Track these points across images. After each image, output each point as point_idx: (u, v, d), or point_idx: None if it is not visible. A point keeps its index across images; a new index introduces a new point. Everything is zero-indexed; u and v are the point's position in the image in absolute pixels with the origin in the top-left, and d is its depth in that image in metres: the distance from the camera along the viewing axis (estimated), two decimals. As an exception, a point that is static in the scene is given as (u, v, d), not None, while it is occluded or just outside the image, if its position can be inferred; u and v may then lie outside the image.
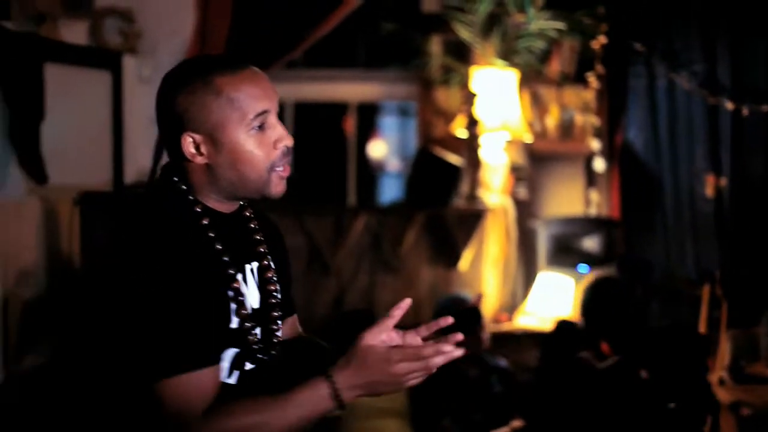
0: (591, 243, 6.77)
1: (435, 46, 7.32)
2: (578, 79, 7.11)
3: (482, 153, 6.73)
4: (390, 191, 9.62)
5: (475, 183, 6.73)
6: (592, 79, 6.99)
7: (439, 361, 2.18)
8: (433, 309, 5.72)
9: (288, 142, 2.25)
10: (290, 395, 2.15)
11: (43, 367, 5.61)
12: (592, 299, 5.16)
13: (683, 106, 6.91)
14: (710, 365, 5.19)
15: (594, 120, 7.04)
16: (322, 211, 6.66)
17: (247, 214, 2.38)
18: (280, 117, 2.29)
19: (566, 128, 7.14)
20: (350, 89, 8.00)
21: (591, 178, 7.11)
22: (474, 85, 6.75)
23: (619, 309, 5.42)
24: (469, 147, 6.74)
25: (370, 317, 5.24)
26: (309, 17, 7.08)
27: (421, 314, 6.04)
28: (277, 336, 2.37)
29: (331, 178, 7.70)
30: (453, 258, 6.61)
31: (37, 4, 5.96)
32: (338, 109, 8.23)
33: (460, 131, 6.79)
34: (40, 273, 5.83)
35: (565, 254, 6.71)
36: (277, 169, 2.25)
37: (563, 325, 5.22)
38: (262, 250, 2.37)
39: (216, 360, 2.19)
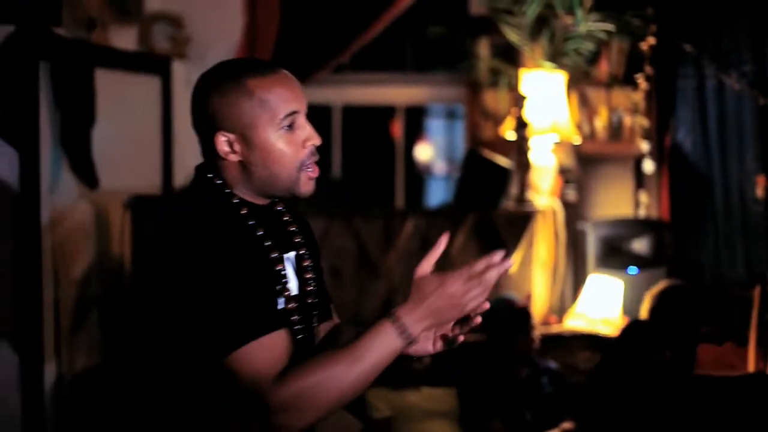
0: (640, 245, 6.73)
1: (483, 48, 7.32)
2: (627, 80, 7.08)
3: (531, 155, 6.72)
4: (437, 194, 9.63)
5: (523, 185, 6.71)
6: (641, 81, 6.96)
7: (493, 275, 2.24)
8: (486, 312, 5.71)
9: (316, 141, 2.38)
10: (358, 343, 2.18)
11: (95, 369, 5.67)
12: (665, 307, 5.14)
13: (733, 107, 6.85)
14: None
15: (643, 121, 7.01)
16: (371, 213, 6.67)
17: (280, 208, 2.49)
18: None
19: (615, 130, 7.11)
20: (398, 92, 8.02)
21: (640, 179, 7.08)
22: (522, 88, 6.74)
23: (692, 318, 5.40)
24: (518, 149, 6.73)
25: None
26: (357, 21, 7.11)
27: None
28: (314, 323, 2.48)
29: (379, 181, 7.71)
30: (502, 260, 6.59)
31: (88, 11, 6.03)
32: (386, 112, 8.25)
33: (509, 133, 6.78)
34: (91, 276, 5.89)
35: (614, 256, 6.68)
36: (307, 168, 2.36)
37: (633, 330, 5.11)
38: (298, 240, 2.48)
39: (280, 325, 2.24)
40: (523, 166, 6.70)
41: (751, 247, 6.82)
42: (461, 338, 2.42)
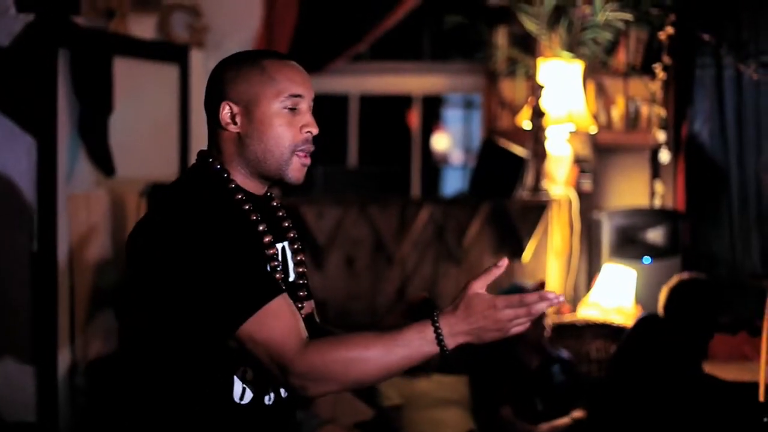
0: (655, 235, 6.74)
1: (500, 37, 7.32)
2: (644, 70, 7.06)
3: (547, 144, 6.73)
4: (453, 183, 9.64)
5: (539, 174, 6.72)
6: (659, 70, 6.95)
7: (542, 306, 2.23)
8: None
9: (314, 129, 2.46)
10: (395, 334, 2.24)
11: (110, 357, 5.72)
12: (682, 300, 5.14)
13: (751, 97, 6.84)
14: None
15: (660, 111, 7.00)
16: (386, 202, 6.70)
17: (275, 203, 2.56)
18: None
19: (632, 120, 7.10)
20: (415, 81, 8.03)
21: (656, 169, 7.07)
22: (539, 77, 6.74)
23: (709, 312, 5.39)
24: (534, 138, 6.73)
25: (431, 306, 5.27)
26: (374, 10, 7.13)
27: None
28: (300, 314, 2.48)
29: (396, 169, 7.72)
30: (516, 249, 6.62)
31: (107, 0, 6.06)
32: (403, 101, 8.26)
33: (525, 123, 6.79)
34: (107, 264, 5.94)
35: (629, 246, 6.68)
36: (299, 153, 2.44)
37: (647, 325, 5.09)
38: (292, 235, 2.55)
39: (280, 291, 2.29)
40: (539, 155, 6.71)
41: (766, 238, 6.81)
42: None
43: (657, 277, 6.13)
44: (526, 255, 6.61)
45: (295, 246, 2.55)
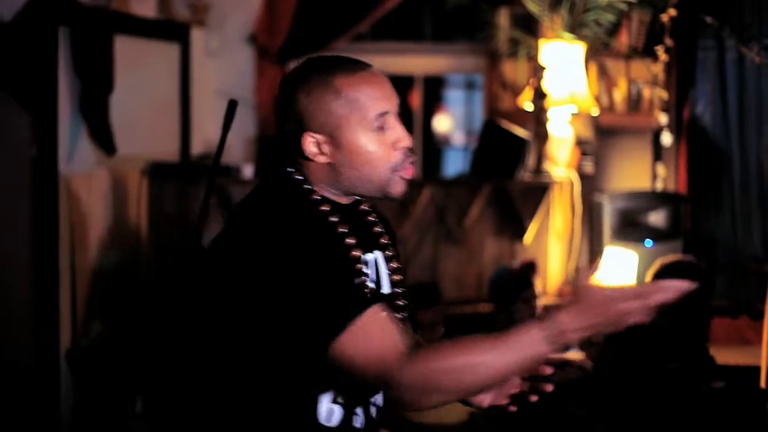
0: (657, 218, 6.73)
1: (502, 18, 7.30)
2: (647, 52, 7.05)
3: (549, 126, 6.71)
4: (455, 165, 9.62)
5: (541, 156, 6.71)
6: (661, 52, 6.93)
7: (659, 297, 2.09)
8: (490, 282, 5.72)
9: (407, 142, 2.25)
10: (506, 338, 2.09)
11: (111, 335, 5.72)
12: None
13: (753, 80, 6.83)
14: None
15: (662, 93, 6.98)
16: (387, 183, 6.66)
17: (364, 207, 2.39)
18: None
19: (634, 102, 7.09)
20: (416, 62, 8.01)
21: (658, 152, 7.06)
22: (541, 58, 6.72)
23: (697, 295, 5.37)
24: (536, 120, 6.72)
25: (435, 291, 5.25)
26: (376, -10, 7.10)
27: (484, 287, 6.05)
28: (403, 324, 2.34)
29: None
30: (518, 231, 6.61)
31: (108, -22, 6.05)
32: (404, 82, 8.24)
33: (527, 104, 6.77)
34: (108, 243, 5.93)
35: (631, 229, 6.68)
36: (399, 171, 2.25)
37: None
38: (384, 241, 2.38)
39: (372, 303, 2.15)
40: (541, 137, 6.69)
41: (767, 220, 6.80)
42: (533, 398, 2.36)
43: (658, 261, 6.12)
44: (528, 237, 6.59)
45: (389, 253, 2.38)
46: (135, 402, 5.36)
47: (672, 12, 6.88)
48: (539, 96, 6.64)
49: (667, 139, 6.97)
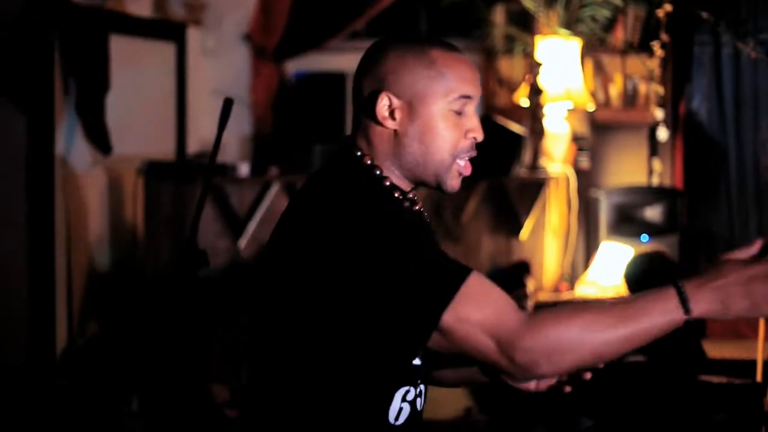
0: (653, 213, 6.73)
1: (498, 15, 7.31)
2: (642, 47, 7.05)
3: (545, 122, 6.72)
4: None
5: (537, 152, 6.72)
6: (657, 48, 6.93)
7: None
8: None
9: (479, 135, 2.17)
10: (634, 304, 1.95)
11: (107, 335, 5.72)
12: (638, 273, 5.11)
13: (749, 75, 6.84)
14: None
15: (658, 89, 6.98)
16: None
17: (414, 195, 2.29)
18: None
19: (630, 97, 7.10)
20: (412, 59, 7.99)
21: (654, 147, 7.06)
22: (537, 55, 6.73)
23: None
24: (532, 116, 6.72)
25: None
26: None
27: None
28: None
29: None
30: (514, 227, 6.62)
31: (103, -23, 6.05)
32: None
33: (523, 100, 6.78)
34: (104, 242, 5.94)
35: (627, 224, 6.68)
36: (460, 160, 2.18)
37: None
38: (432, 230, 2.34)
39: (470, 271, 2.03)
40: (537, 133, 6.70)
41: (764, 215, 6.81)
42: (587, 375, 2.30)
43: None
44: (524, 233, 6.60)
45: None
46: (131, 400, 5.36)
47: (667, 7, 6.88)
48: (535, 92, 6.65)
49: (663, 134, 6.98)
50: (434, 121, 2.13)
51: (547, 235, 6.72)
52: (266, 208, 5.88)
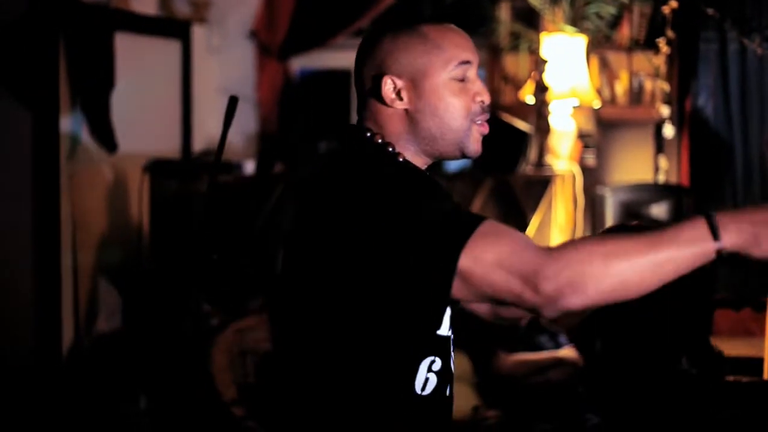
0: (659, 210, 6.72)
1: (503, 12, 7.29)
2: (648, 44, 7.03)
3: (550, 119, 6.70)
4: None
5: (543, 149, 6.70)
6: (663, 45, 6.91)
7: None
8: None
9: (486, 97, 2.22)
10: (662, 232, 1.91)
11: (114, 334, 5.72)
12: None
13: (755, 72, 6.81)
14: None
15: (664, 86, 6.97)
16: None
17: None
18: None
19: (635, 94, 7.08)
20: (417, 57, 7.99)
21: (660, 144, 7.05)
22: (543, 52, 6.72)
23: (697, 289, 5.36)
24: (538, 113, 6.70)
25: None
26: (377, -16, 7.10)
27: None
28: None
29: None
30: (520, 224, 6.60)
31: (108, -25, 6.05)
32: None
33: (529, 98, 6.76)
34: (110, 240, 5.93)
35: (633, 221, 6.67)
36: (477, 121, 2.22)
37: None
38: None
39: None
40: (543, 130, 6.68)
41: (770, 213, 6.79)
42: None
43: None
44: (530, 230, 6.59)
45: None
46: (138, 399, 5.36)
47: (673, 4, 6.86)
48: (541, 89, 6.63)
49: (669, 131, 6.96)
50: (441, 93, 2.19)
51: (553, 233, 6.70)
52: (272, 205, 5.88)
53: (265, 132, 7.15)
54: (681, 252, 1.89)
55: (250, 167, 6.19)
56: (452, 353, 2.25)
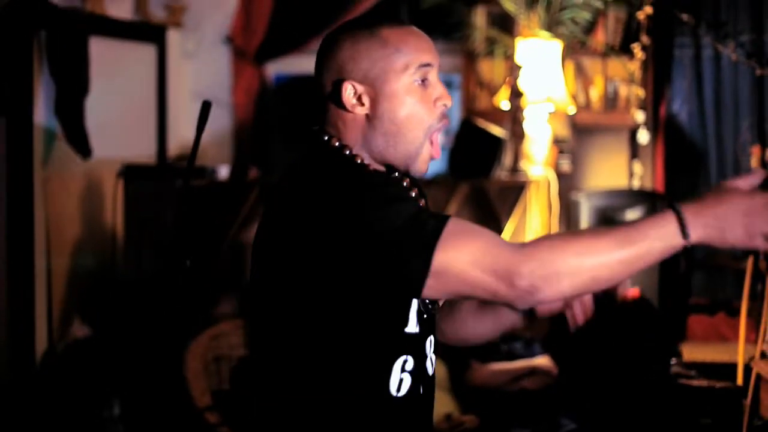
0: (634, 215, 6.71)
1: (479, 17, 7.30)
2: (623, 50, 7.05)
3: (525, 125, 6.71)
4: (432, 164, 9.61)
5: (517, 155, 6.71)
6: (638, 50, 6.94)
7: None
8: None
9: (448, 101, 2.21)
10: (631, 227, 1.96)
11: (87, 339, 5.69)
12: None
13: (729, 78, 6.85)
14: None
15: (639, 91, 6.99)
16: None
17: (396, 174, 2.30)
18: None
19: (610, 100, 7.10)
20: (393, 62, 7.99)
21: (635, 150, 7.08)
22: (518, 57, 6.72)
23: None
24: (513, 119, 6.71)
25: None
26: (352, -11, 7.10)
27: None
28: None
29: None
30: (495, 230, 6.57)
31: (83, -21, 6.03)
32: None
33: (504, 103, 6.77)
34: (84, 245, 5.91)
35: (608, 227, 6.68)
36: (434, 133, 2.21)
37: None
38: (422, 204, 2.34)
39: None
40: (518, 135, 6.69)
41: (744, 219, 6.81)
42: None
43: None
44: (505, 236, 6.60)
45: None
46: (112, 405, 5.33)
47: (648, 10, 6.89)
48: (516, 95, 6.64)
49: (643, 136, 6.99)
50: (402, 97, 2.17)
51: (528, 238, 6.71)
52: (246, 210, 5.87)
53: (240, 137, 7.14)
54: (651, 248, 1.95)
55: (224, 172, 6.17)
56: (428, 353, 2.24)
